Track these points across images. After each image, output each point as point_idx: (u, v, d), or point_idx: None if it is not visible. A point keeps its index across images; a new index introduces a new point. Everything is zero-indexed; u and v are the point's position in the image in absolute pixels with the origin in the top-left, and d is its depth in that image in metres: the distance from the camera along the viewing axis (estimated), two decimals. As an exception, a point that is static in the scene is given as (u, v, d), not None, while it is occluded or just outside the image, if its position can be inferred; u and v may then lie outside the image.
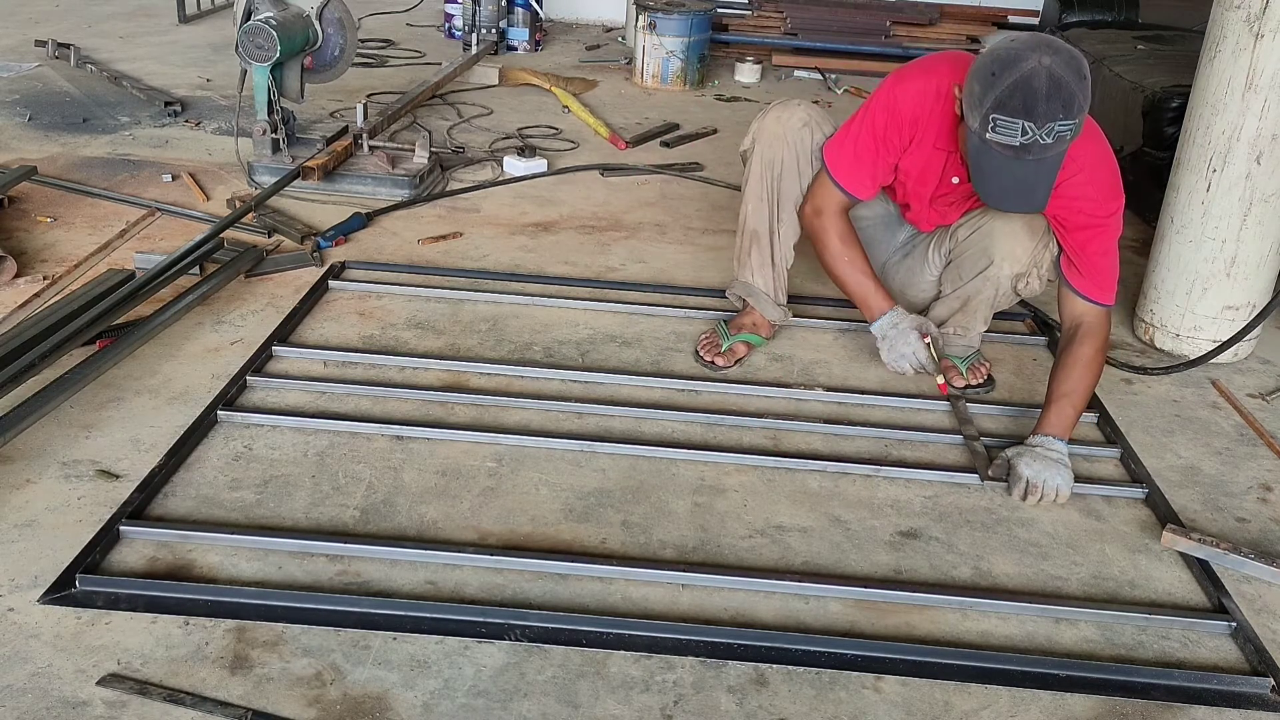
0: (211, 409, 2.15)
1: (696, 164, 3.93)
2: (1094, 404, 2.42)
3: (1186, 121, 2.59)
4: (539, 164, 3.71)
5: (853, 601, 1.77)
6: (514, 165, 3.71)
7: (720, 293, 2.84)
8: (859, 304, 2.39)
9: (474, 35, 5.35)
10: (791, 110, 2.39)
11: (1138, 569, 1.91)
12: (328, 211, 3.25)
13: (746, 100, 4.96)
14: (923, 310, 2.50)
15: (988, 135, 1.95)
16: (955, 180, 2.29)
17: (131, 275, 2.58)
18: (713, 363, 2.49)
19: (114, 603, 1.65)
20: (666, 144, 4.17)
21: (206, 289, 2.61)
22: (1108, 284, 2.23)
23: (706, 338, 2.55)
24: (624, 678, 1.58)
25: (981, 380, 2.48)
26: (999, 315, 2.88)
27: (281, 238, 3.01)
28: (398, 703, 1.51)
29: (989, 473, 2.10)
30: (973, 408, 2.37)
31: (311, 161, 3.33)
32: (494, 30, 5.41)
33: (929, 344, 2.32)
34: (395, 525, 1.89)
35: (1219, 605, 1.81)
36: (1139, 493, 2.11)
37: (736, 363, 2.50)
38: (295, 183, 3.41)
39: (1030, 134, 1.91)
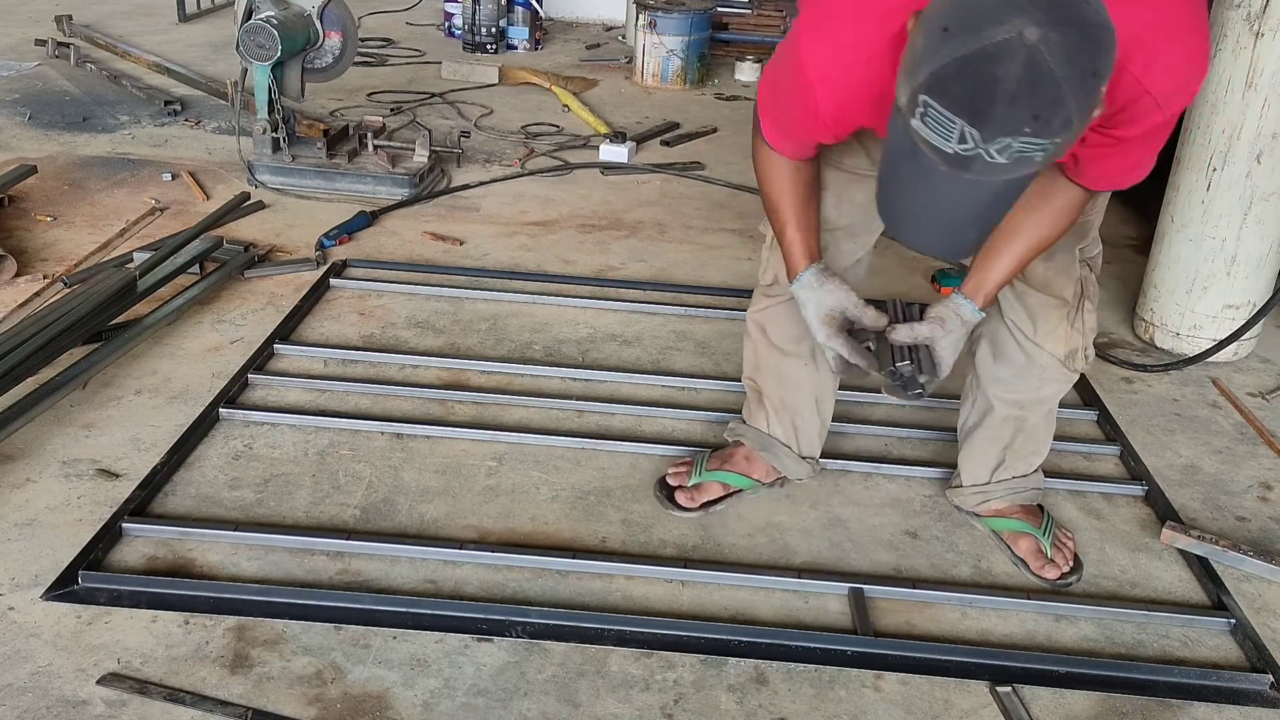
0: (213, 407, 2.15)
1: (697, 163, 3.93)
2: (1094, 402, 2.42)
3: (1186, 120, 2.59)
4: (623, 150, 3.90)
5: (852, 599, 1.77)
6: (608, 151, 3.89)
7: (721, 291, 2.84)
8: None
9: (474, 34, 5.36)
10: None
11: (1138, 567, 1.91)
12: (328, 210, 3.25)
13: (746, 99, 4.95)
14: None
15: (913, 122, 1.21)
16: None
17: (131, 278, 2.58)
18: (673, 499, 1.95)
19: (116, 599, 1.65)
20: (667, 143, 4.16)
21: (205, 287, 2.62)
22: (1111, 182, 1.58)
23: (681, 462, 2.04)
24: (624, 676, 1.59)
25: (1068, 568, 1.86)
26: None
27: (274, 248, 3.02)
28: (398, 701, 1.51)
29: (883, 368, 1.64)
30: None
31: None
32: (494, 29, 5.41)
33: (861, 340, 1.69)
34: (395, 524, 1.89)
35: (1218, 603, 1.81)
36: (1139, 490, 2.12)
37: (704, 506, 1.95)
38: (296, 180, 3.42)
39: (970, 144, 1.16)
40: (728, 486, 1.97)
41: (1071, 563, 1.88)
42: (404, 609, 1.67)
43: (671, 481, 1.99)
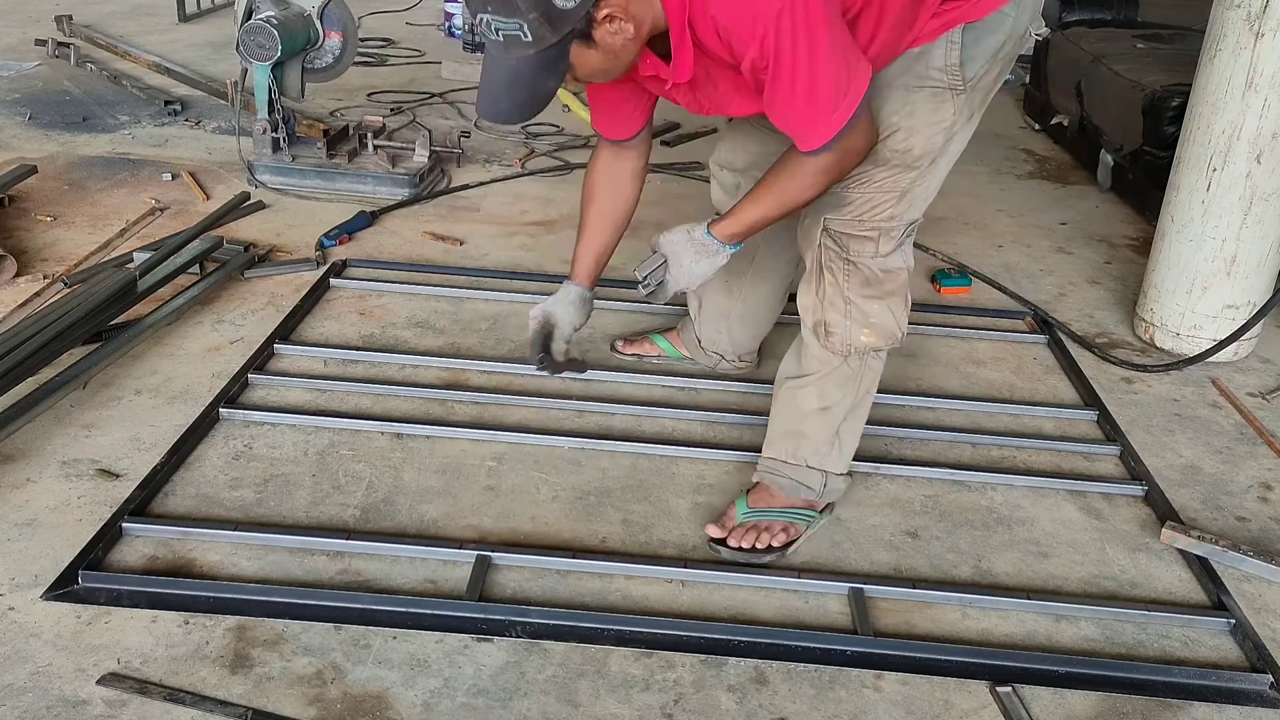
0: (213, 407, 2.15)
1: (697, 163, 3.93)
2: (1094, 402, 2.42)
3: (1186, 120, 2.59)
4: None
5: (852, 599, 1.77)
6: None
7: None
8: None
9: (474, 34, 5.35)
10: None
11: (1138, 567, 1.91)
12: (328, 210, 3.25)
13: (746, 99, 4.94)
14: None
15: None
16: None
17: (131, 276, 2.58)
18: (614, 346, 2.50)
19: (116, 599, 1.65)
20: (667, 143, 4.16)
21: (205, 287, 2.62)
22: (803, 124, 1.61)
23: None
24: (624, 676, 1.59)
25: (737, 542, 1.86)
26: (997, 313, 2.90)
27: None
28: (398, 701, 1.51)
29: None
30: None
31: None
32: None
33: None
34: (395, 524, 1.89)
35: (1219, 603, 1.81)
36: (1139, 491, 2.12)
37: (636, 357, 2.48)
38: (296, 180, 3.42)
39: (476, 27, 1.56)
40: (660, 350, 2.47)
41: (746, 543, 1.84)
42: (404, 609, 1.67)
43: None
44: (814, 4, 1.50)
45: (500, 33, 1.52)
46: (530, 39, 1.51)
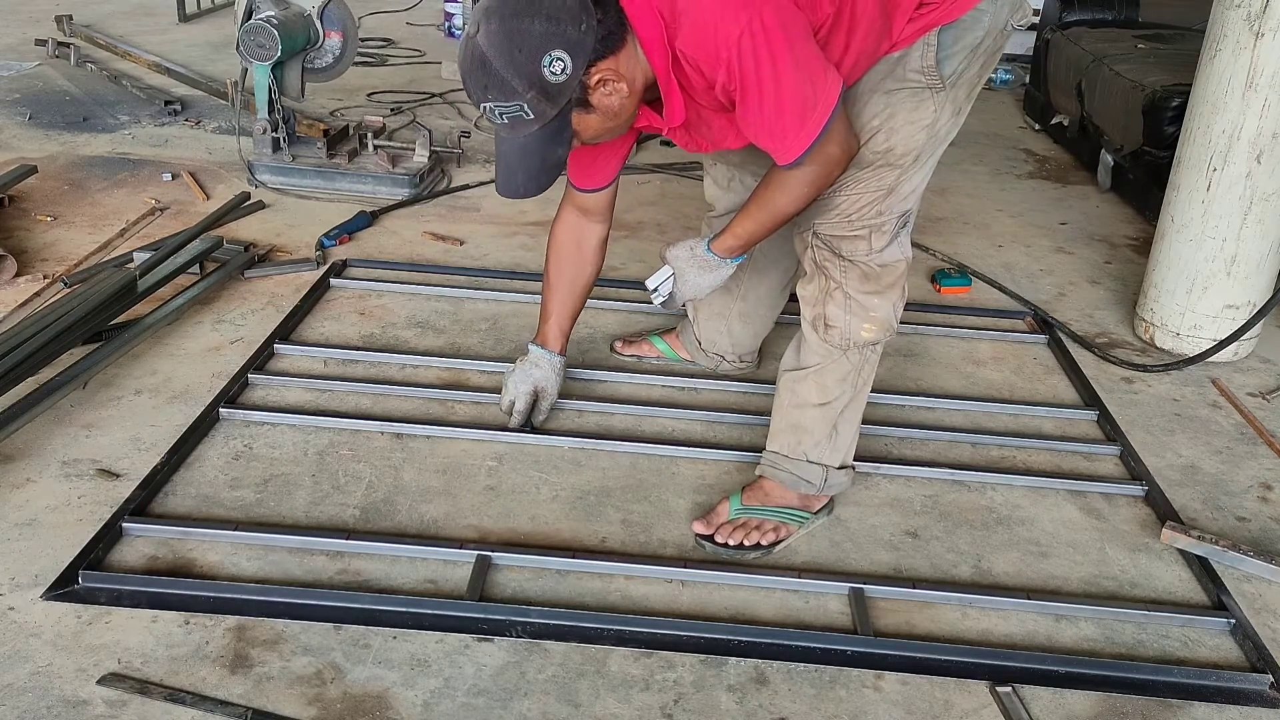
0: (213, 407, 2.15)
1: (697, 164, 3.93)
2: (1094, 402, 2.42)
3: (1187, 120, 2.59)
4: None
5: (853, 599, 1.77)
6: None
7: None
8: None
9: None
10: None
11: (1138, 567, 1.91)
12: (328, 210, 3.25)
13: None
14: None
15: None
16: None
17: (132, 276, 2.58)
18: (613, 347, 2.51)
19: (116, 599, 1.65)
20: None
21: (205, 287, 2.62)
22: (775, 139, 1.65)
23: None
24: (624, 676, 1.59)
25: (724, 538, 1.87)
26: (998, 313, 2.90)
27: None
28: (398, 701, 1.51)
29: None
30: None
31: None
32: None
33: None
34: (395, 524, 1.89)
35: (1219, 603, 1.81)
36: (1139, 491, 2.12)
37: (635, 358, 2.49)
38: (296, 180, 3.42)
39: (482, 112, 1.64)
40: (659, 353, 2.48)
41: (733, 540, 1.86)
42: (404, 609, 1.67)
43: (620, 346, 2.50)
44: (773, 25, 1.54)
45: (504, 116, 1.62)
46: (533, 116, 1.61)
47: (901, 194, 1.78)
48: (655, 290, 1.95)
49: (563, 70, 1.58)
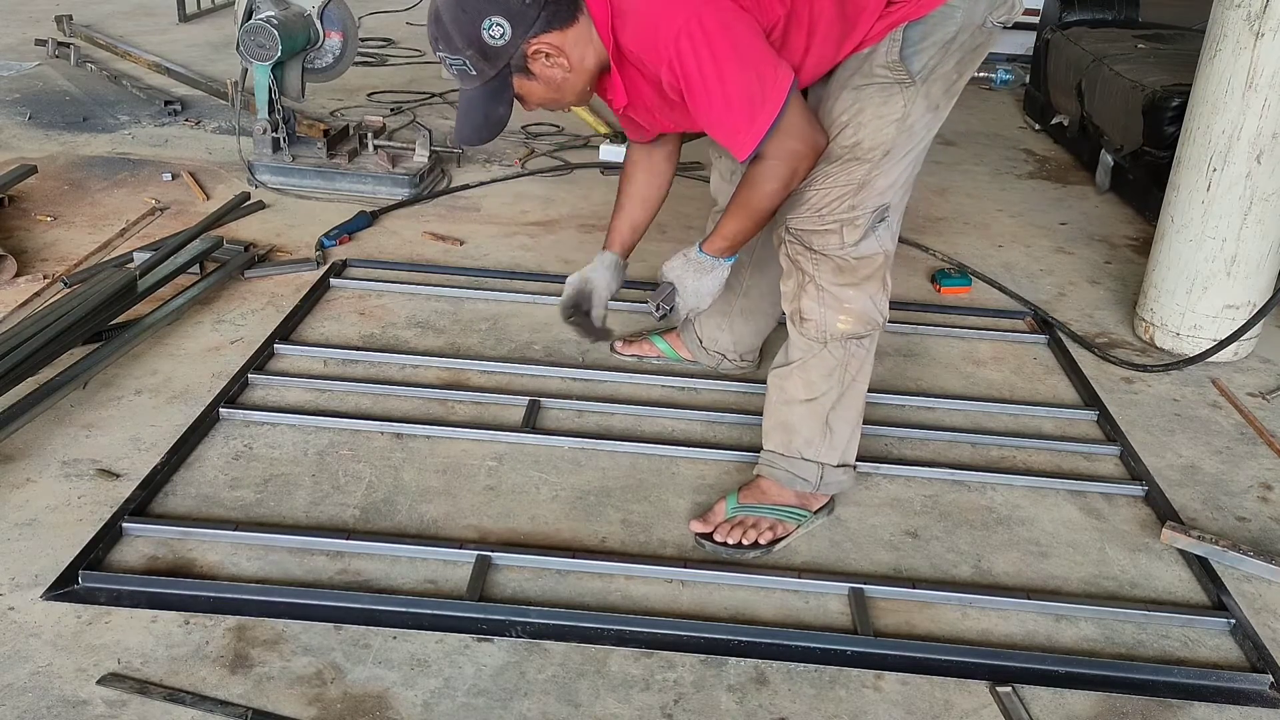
0: (213, 407, 2.15)
1: (697, 163, 3.93)
2: (1094, 402, 2.42)
3: (1186, 120, 2.59)
4: (623, 150, 3.87)
5: (853, 599, 1.77)
6: (607, 151, 3.88)
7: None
8: None
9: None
10: None
11: (1138, 567, 1.91)
12: (328, 210, 3.25)
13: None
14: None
15: None
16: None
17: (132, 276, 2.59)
18: (613, 347, 2.50)
19: (116, 599, 1.65)
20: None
21: (205, 287, 2.62)
22: (728, 135, 1.70)
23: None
24: (624, 676, 1.59)
25: (724, 538, 1.87)
26: (998, 313, 2.90)
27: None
28: (398, 701, 1.51)
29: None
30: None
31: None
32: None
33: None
34: (395, 524, 1.89)
35: (1219, 603, 1.81)
36: (1139, 491, 2.12)
37: (636, 358, 2.48)
38: (296, 180, 3.42)
39: (439, 60, 1.78)
40: (659, 352, 2.48)
41: (732, 539, 1.86)
42: (404, 609, 1.67)
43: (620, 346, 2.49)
44: (712, 24, 1.59)
45: (453, 66, 1.75)
46: (475, 72, 1.73)
47: (876, 189, 1.79)
48: (658, 307, 1.94)
49: (501, 35, 1.68)
